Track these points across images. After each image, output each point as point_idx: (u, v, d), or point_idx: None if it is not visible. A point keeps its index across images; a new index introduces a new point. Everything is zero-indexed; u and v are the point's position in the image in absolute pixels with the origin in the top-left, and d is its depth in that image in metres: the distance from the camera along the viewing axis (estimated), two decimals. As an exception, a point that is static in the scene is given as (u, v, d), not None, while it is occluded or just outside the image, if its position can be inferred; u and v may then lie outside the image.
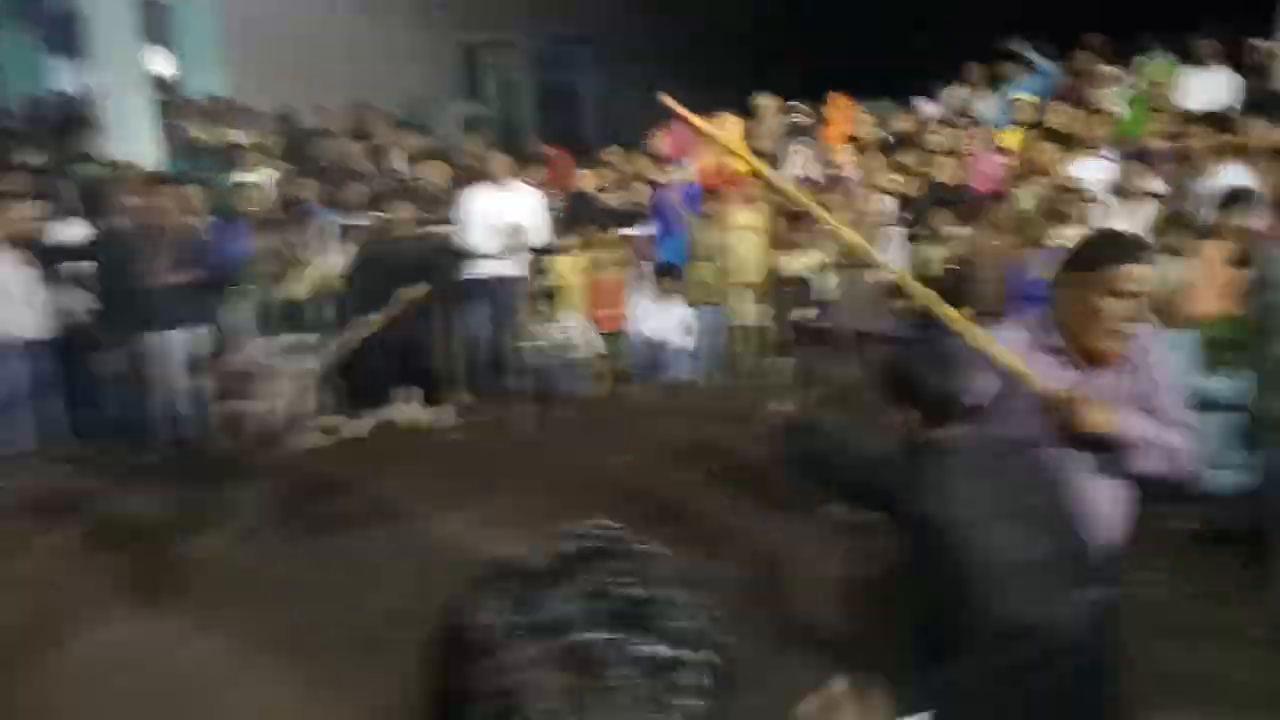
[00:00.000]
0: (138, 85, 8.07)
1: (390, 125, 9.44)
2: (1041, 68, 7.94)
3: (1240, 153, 5.23)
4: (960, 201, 6.16)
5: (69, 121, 9.94)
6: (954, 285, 6.03)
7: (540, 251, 6.63)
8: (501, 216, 6.26)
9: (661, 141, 8.48)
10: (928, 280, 5.99)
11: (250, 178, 7.49)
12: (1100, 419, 2.18)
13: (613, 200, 7.22)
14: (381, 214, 6.28)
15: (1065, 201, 5.85)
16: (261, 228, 6.21)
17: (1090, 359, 2.27)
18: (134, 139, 7.89)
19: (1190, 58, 7.19)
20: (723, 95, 9.37)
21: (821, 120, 8.08)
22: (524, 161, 8.12)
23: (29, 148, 9.31)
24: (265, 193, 7.10)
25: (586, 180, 7.15)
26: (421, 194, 6.74)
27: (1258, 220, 4.65)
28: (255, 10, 11.19)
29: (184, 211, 6.41)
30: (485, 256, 6.34)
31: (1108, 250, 2.25)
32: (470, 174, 7.05)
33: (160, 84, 10.37)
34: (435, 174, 6.85)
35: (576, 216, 6.90)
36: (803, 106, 8.02)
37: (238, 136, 9.30)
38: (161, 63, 11.99)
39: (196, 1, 11.15)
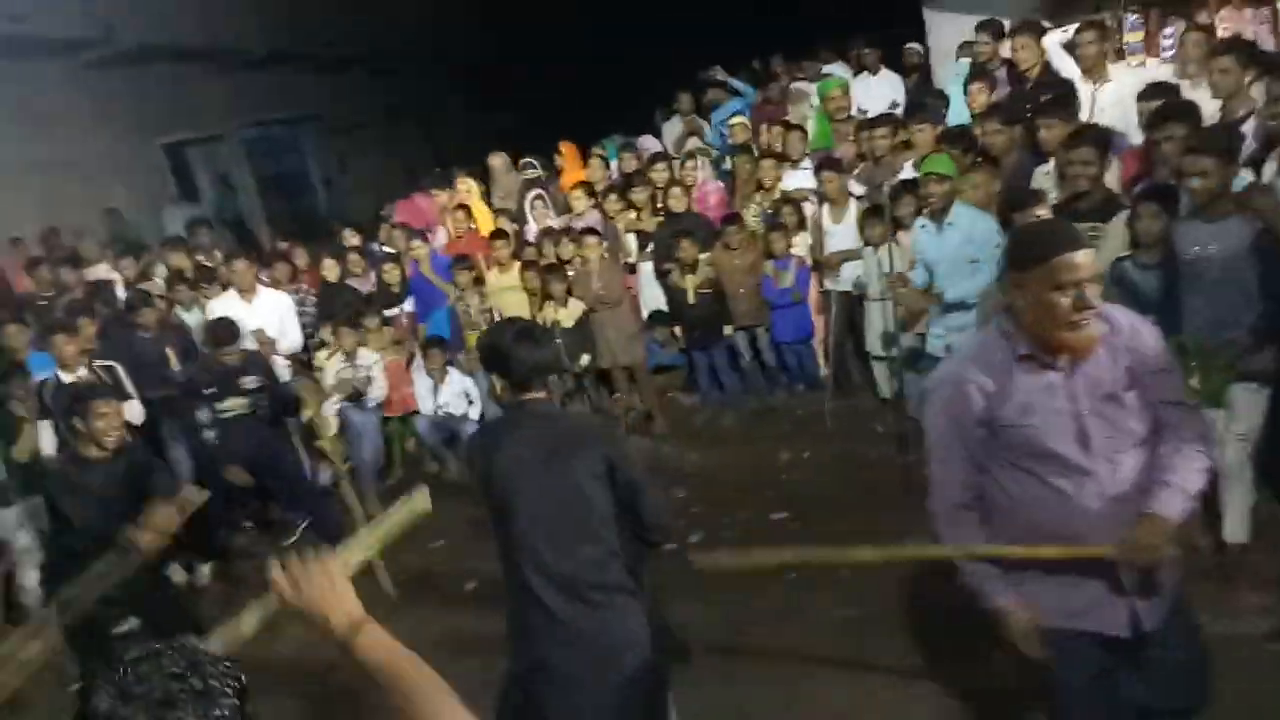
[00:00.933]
0: None
1: (99, 246, 8.62)
2: (743, 90, 8.64)
3: (911, 148, 5.94)
4: (695, 229, 6.59)
5: None
6: (713, 308, 6.50)
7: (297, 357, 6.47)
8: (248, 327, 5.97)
9: (403, 214, 8.43)
10: (686, 307, 6.42)
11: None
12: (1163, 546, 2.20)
13: (363, 284, 7.10)
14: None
15: (788, 213, 6.45)
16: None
17: (1064, 354, 2.23)
18: None
19: (860, 67, 8.11)
20: (458, 156, 9.52)
21: (554, 170, 8.33)
22: (263, 260, 7.79)
23: None
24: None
25: (330, 270, 6.99)
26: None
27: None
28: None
29: None
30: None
31: (1038, 246, 2.20)
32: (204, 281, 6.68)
33: None
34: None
35: (330, 310, 6.73)
36: (534, 160, 8.23)
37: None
38: None
39: None
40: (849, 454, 5.69)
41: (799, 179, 6.74)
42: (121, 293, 6.96)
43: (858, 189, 6.22)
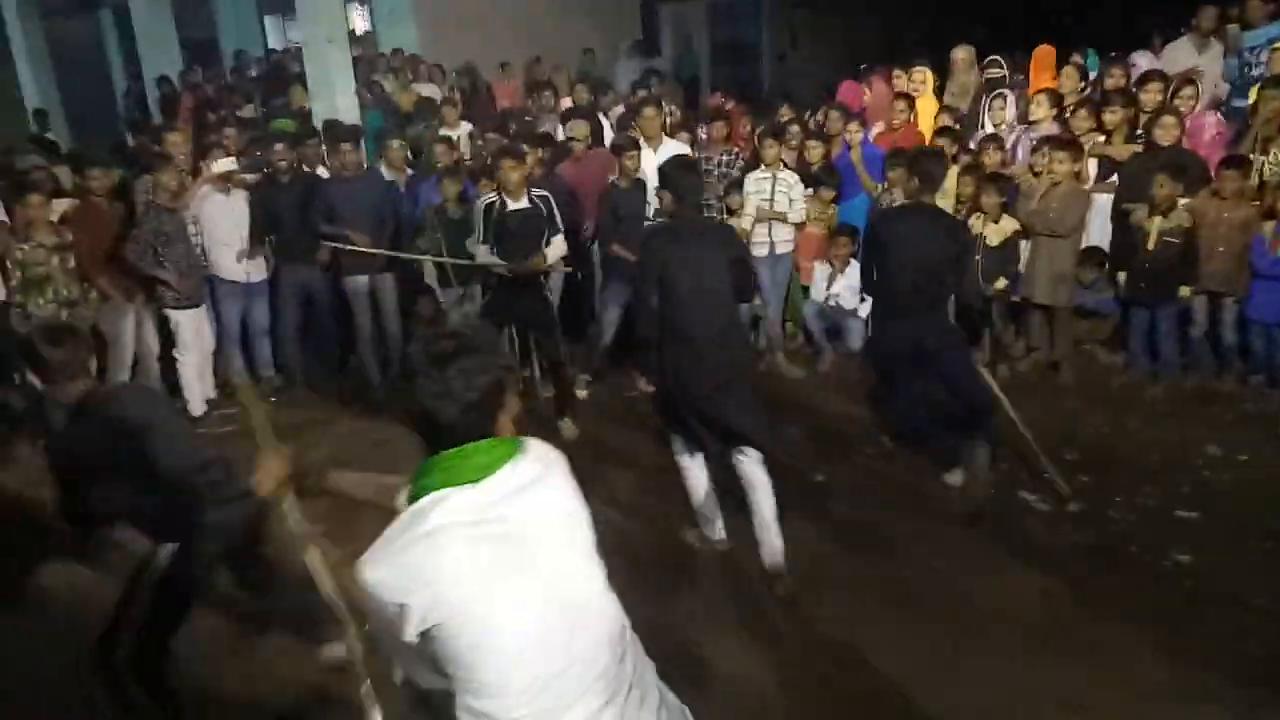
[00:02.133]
0: (338, 42, 8.45)
1: (566, 79, 9.47)
2: None
3: None
4: (1182, 166, 5.54)
5: (275, 76, 10.61)
6: (1174, 262, 5.50)
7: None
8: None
9: (845, 94, 8.13)
10: (1141, 252, 5.48)
11: (445, 132, 7.76)
12: None
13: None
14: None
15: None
16: (452, 179, 6.36)
17: None
18: (333, 94, 8.28)
19: None
20: (919, 47, 8.91)
21: (1023, 75, 7.47)
22: (698, 115, 7.98)
23: (240, 101, 10.02)
24: (458, 146, 7.33)
25: (770, 149, 6.82)
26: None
27: None
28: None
29: (389, 165, 6.76)
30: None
31: None
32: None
33: (356, 40, 10.89)
34: (578, 132, 6.75)
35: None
36: (1000, 59, 7.44)
37: (429, 91, 9.63)
38: (358, 19, 12.59)
39: (390, -41, 11.55)
40: (1304, 471, 4.63)
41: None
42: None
43: None
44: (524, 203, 5.28)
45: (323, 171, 6.57)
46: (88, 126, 12.29)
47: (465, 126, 8.15)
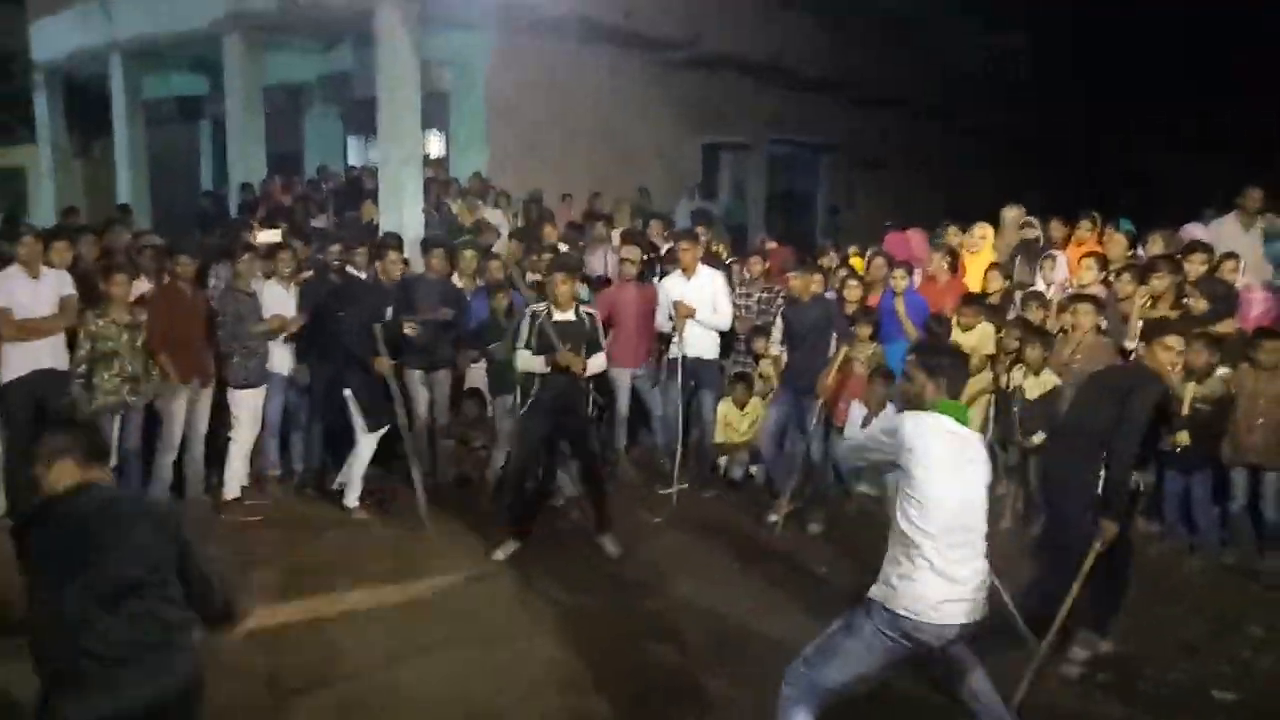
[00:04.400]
0: (413, 163, 8.96)
1: (625, 213, 9.89)
2: None
3: None
4: (1227, 337, 5.56)
5: (351, 191, 11.23)
6: (1211, 430, 5.43)
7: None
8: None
9: (890, 244, 8.35)
10: (1175, 416, 5.44)
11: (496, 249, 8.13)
12: None
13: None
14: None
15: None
16: (497, 294, 6.67)
17: None
18: (401, 210, 8.74)
19: None
20: (967, 205, 9.18)
21: (1058, 237, 7.63)
22: (748, 252, 8.24)
23: (315, 210, 10.58)
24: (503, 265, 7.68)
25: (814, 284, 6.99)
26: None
27: None
28: (516, 101, 12.20)
29: (461, 274, 7.11)
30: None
31: None
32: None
33: (430, 163, 11.53)
34: (629, 254, 7.08)
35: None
36: (1034, 220, 7.66)
37: (491, 215, 10.10)
38: (435, 144, 13.34)
39: (470, 91, 12.31)
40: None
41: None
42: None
43: None
44: (570, 315, 5.46)
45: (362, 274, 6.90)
46: (170, 225, 13.04)
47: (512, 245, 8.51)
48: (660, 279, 7.19)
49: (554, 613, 4.84)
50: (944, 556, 3.03)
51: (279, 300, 6.40)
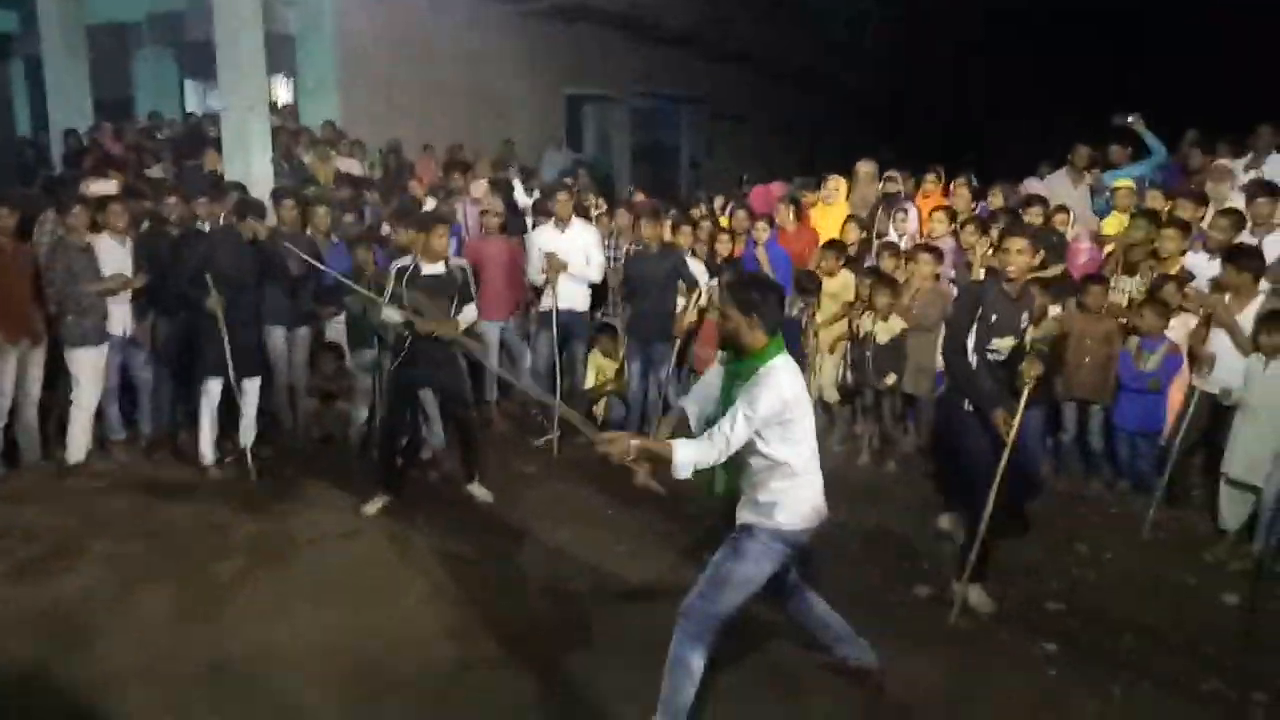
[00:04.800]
0: (259, 110, 8.47)
1: (486, 164, 9.71)
2: (1154, 147, 7.79)
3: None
4: (1057, 281, 6.00)
5: (190, 140, 10.52)
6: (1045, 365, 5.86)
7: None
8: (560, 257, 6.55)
9: (755, 199, 8.55)
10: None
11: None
12: None
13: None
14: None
15: (1170, 291, 5.69)
16: (356, 249, 6.44)
17: None
18: (249, 161, 8.26)
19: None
20: (823, 160, 9.50)
21: (914, 190, 8.05)
22: (615, 205, 8.29)
23: (150, 160, 9.88)
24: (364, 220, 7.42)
25: (682, 237, 7.11)
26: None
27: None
28: (371, 48, 11.71)
29: (315, 228, 6.79)
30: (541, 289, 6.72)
31: None
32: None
33: (277, 110, 10.92)
34: (492, 205, 7.08)
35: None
36: (896, 175, 8.03)
37: (349, 166, 9.70)
38: (282, 91, 12.65)
39: (318, 35, 11.71)
40: (1162, 575, 4.90)
41: (1201, 264, 5.93)
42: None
43: (1265, 285, 5.32)
44: (440, 268, 5.35)
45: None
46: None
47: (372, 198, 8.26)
48: (529, 230, 7.14)
49: (430, 564, 4.80)
50: (813, 470, 3.30)
51: (114, 255, 5.96)
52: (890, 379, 6.20)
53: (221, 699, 3.63)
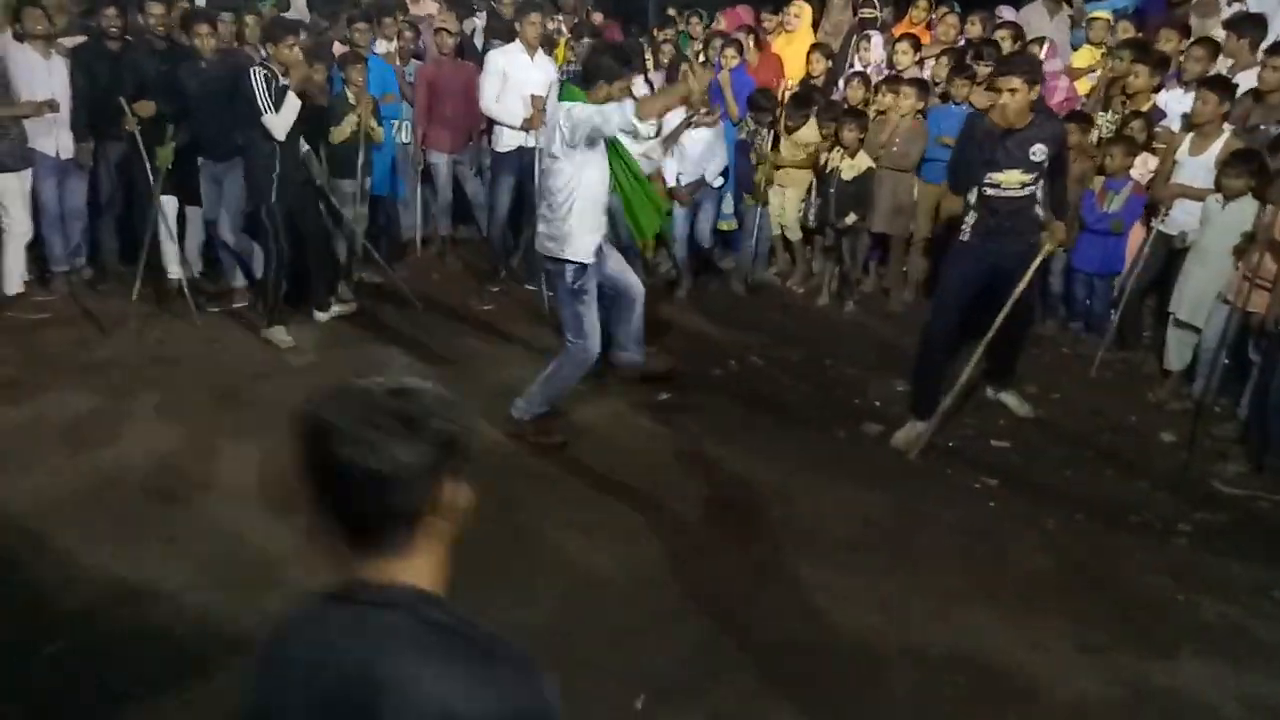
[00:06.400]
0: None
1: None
2: None
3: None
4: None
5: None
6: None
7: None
8: (527, 87, 6.03)
9: (726, 21, 8.09)
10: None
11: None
12: None
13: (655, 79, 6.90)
14: None
15: (1138, 129, 5.55)
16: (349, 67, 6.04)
17: None
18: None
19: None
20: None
21: (893, 19, 7.64)
22: (575, 32, 7.80)
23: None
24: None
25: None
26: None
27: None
28: None
29: (242, 43, 6.31)
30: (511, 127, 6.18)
31: None
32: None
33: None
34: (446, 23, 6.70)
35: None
36: (875, 2, 7.58)
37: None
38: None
39: None
40: (1104, 410, 5.03)
41: (1176, 99, 5.75)
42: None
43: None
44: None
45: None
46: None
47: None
48: (485, 51, 6.71)
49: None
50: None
51: (34, 69, 5.50)
52: (851, 218, 6.07)
53: (168, 524, 3.64)
